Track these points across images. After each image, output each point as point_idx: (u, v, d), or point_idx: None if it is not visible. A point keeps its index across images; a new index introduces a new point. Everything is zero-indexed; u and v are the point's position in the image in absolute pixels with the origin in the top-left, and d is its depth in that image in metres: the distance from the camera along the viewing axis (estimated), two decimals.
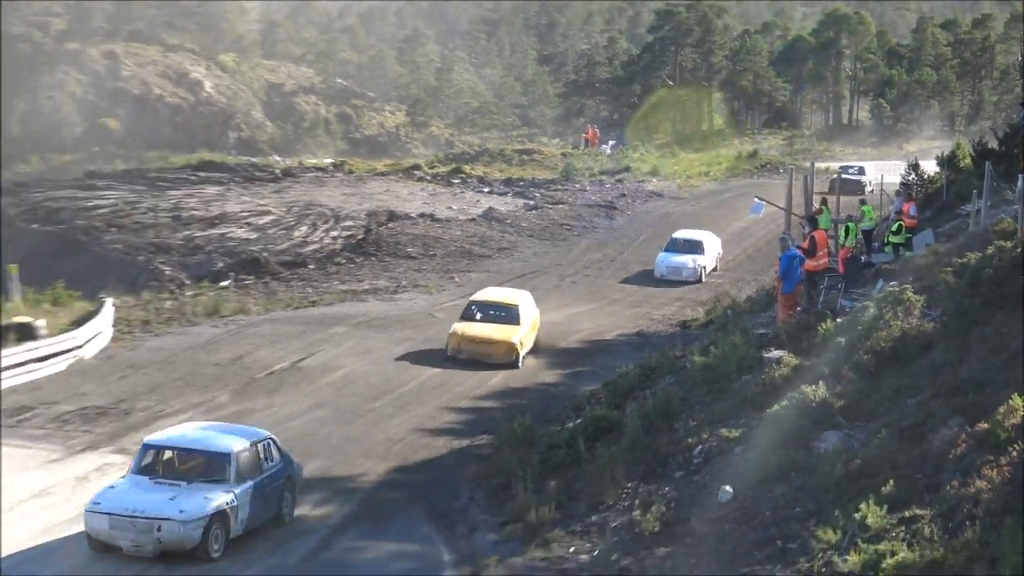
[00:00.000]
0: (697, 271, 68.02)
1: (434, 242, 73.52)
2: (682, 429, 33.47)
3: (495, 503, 34.21)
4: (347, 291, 65.03)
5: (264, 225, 76.31)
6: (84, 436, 41.02)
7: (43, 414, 43.33)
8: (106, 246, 74.06)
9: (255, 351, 51.32)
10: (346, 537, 33.05)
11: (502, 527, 32.29)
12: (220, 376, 47.49)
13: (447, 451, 39.74)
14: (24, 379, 46.95)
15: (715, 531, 27.44)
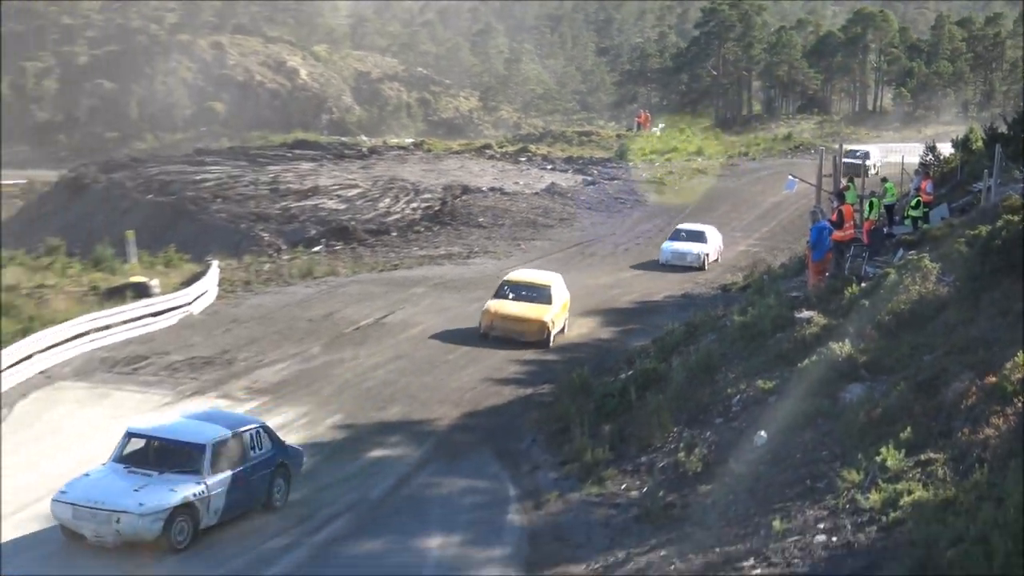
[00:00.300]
0: (700, 258, 64.98)
1: (502, 213, 73.52)
2: (722, 380, 33.55)
3: (555, 445, 34.34)
4: (425, 256, 65.12)
5: (352, 197, 76.36)
6: (192, 383, 41.27)
7: (156, 363, 43.62)
8: (212, 215, 74.30)
9: (343, 309, 51.52)
10: (423, 474, 33.20)
11: (561, 466, 32.46)
12: (312, 330, 47.71)
13: (513, 399, 39.88)
14: (140, 332, 47.28)
15: (751, 471, 27.50)
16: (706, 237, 66.83)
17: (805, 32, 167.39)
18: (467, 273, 58.91)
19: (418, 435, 36.41)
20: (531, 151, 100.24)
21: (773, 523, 23.70)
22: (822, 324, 33.32)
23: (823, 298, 36.53)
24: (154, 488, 26.64)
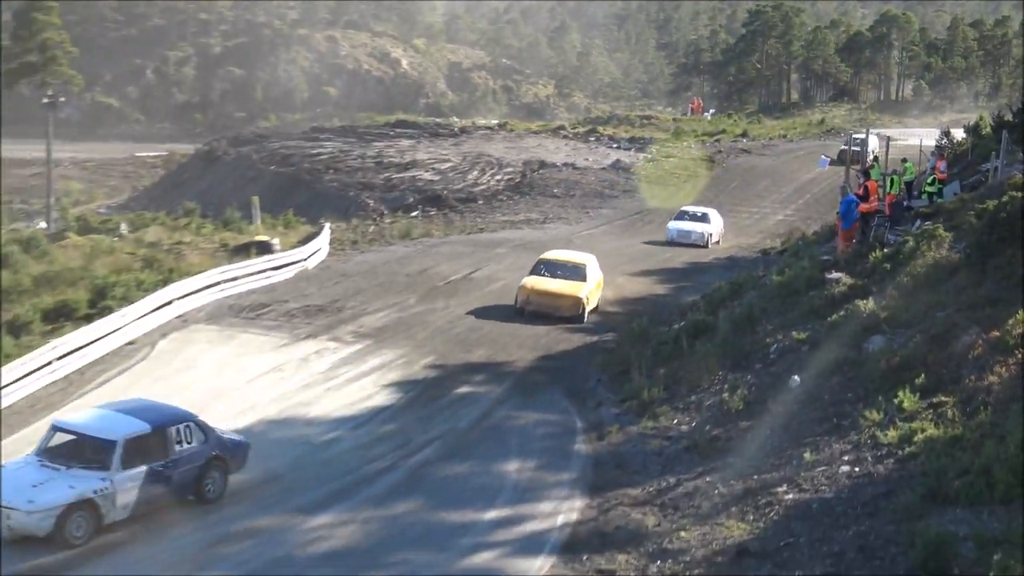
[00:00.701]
0: (704, 237, 61.20)
1: (574, 185, 73.42)
2: (762, 331, 33.53)
3: (616, 385, 34.44)
4: (506, 221, 65.09)
5: (445, 170, 76.41)
6: (306, 327, 41.48)
7: (276, 310, 43.85)
8: (325, 184, 74.47)
9: (436, 265, 51.58)
10: (503, 408, 33.35)
11: (621, 403, 32.55)
12: (410, 284, 47.80)
13: (580, 345, 39.92)
14: (262, 283, 47.53)
15: (785, 410, 27.52)
16: (709, 218, 63.82)
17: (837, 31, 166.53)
18: (543, 236, 58.80)
19: (499, 375, 36.56)
20: (599, 132, 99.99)
21: (804, 455, 23.76)
22: (849, 284, 33.31)
23: (850, 262, 36.43)
24: (54, 484, 24.52)
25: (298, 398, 34.43)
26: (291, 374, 36.50)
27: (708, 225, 62.66)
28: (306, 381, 35.89)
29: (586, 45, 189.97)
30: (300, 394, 34.74)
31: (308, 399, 34.36)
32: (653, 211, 66.23)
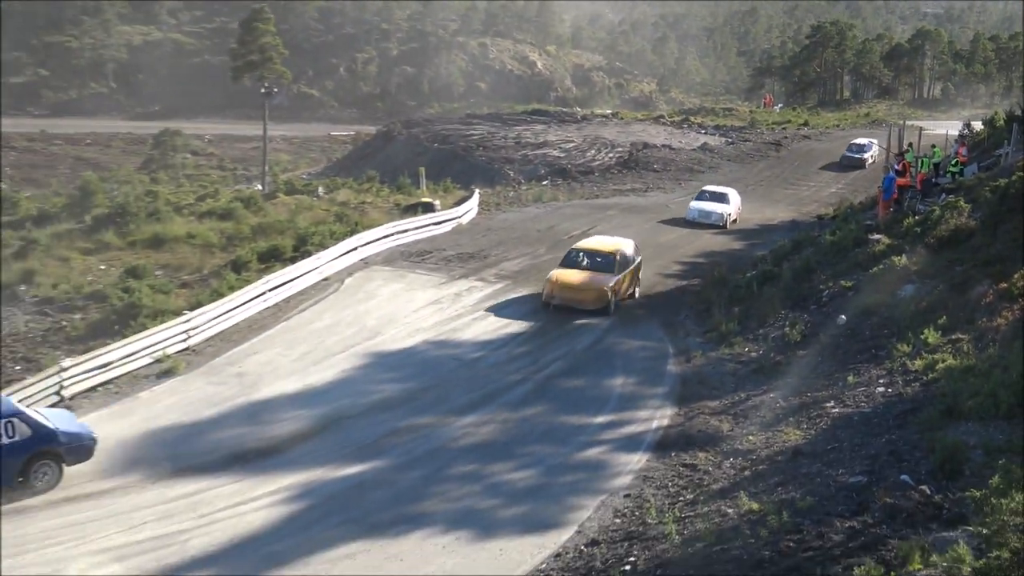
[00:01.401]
0: (724, 217, 53.60)
1: (670, 162, 72.87)
2: (816, 280, 33.41)
3: (700, 320, 34.38)
4: (616, 189, 64.74)
5: (569, 149, 76.12)
6: (459, 269, 41.57)
7: (436, 256, 43.96)
8: (476, 158, 74.54)
9: (561, 223, 51.44)
10: (611, 336, 33.38)
11: (704, 334, 32.55)
12: (540, 238, 47.72)
13: (673, 287, 39.73)
14: (426, 235, 47.64)
15: (833, 342, 27.43)
16: (728, 199, 55.61)
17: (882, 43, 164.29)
18: (644, 202, 58.48)
19: (607, 315, 36.45)
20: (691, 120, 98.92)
21: (847, 378, 23.65)
22: (887, 243, 33.13)
23: (888, 226, 36.23)
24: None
25: (452, 325, 34.70)
26: (447, 306, 36.72)
27: (727, 206, 54.84)
28: (458, 311, 36.13)
29: (682, 51, 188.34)
30: (453, 322, 35.01)
31: (459, 326, 34.62)
32: (733, 182, 65.52)
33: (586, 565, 17.52)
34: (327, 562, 18.81)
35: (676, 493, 20.12)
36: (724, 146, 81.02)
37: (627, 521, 19.29)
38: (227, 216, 53.50)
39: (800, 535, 15.12)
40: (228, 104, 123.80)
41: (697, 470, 21.15)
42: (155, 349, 31.24)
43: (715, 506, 18.38)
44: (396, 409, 27.14)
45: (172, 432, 25.59)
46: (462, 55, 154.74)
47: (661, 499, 19.90)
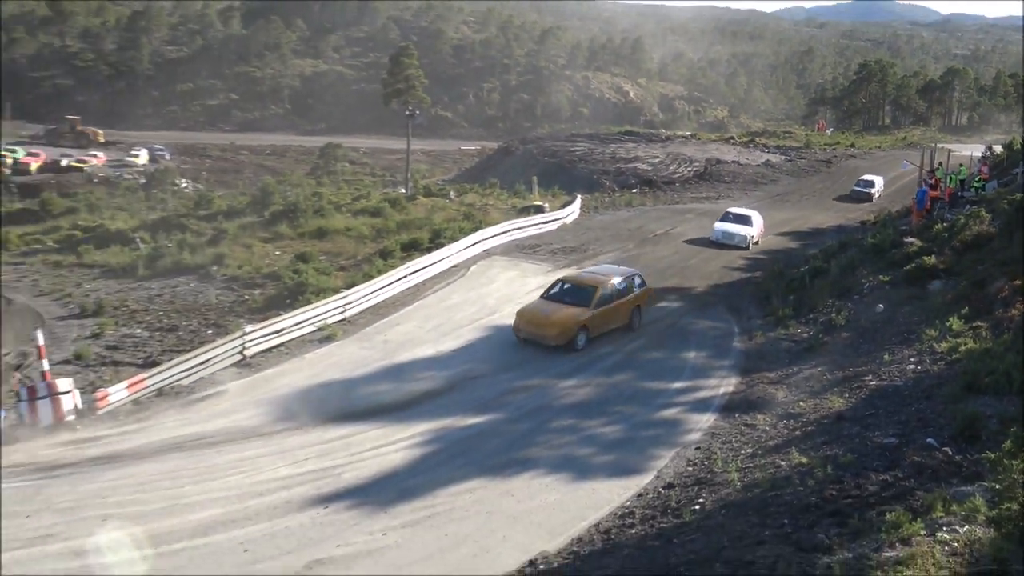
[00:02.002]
0: (747, 239, 46.85)
1: (738, 175, 72.13)
2: (859, 274, 32.82)
3: (761, 306, 34.00)
4: (693, 197, 64.20)
5: (655, 163, 75.75)
6: (563, 260, 41.53)
7: (544, 249, 43.98)
8: (578, 170, 74.47)
9: (647, 224, 51.19)
10: (686, 317, 33.22)
11: (764, 317, 32.17)
12: (630, 236, 47.51)
13: (738, 278, 39.32)
14: (536, 232, 47.66)
15: (872, 327, 26.98)
16: (751, 221, 48.61)
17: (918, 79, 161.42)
18: (716, 208, 57.75)
19: (684, 295, 36.25)
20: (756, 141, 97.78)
21: (884, 356, 23.31)
22: (919, 246, 32.40)
23: (920, 231, 35.52)
24: None
25: None
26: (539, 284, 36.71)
27: (750, 227, 48.03)
28: None
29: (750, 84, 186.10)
30: None
31: None
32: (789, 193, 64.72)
33: (663, 504, 17.55)
34: (451, 495, 19.02)
35: (738, 448, 20.04)
36: (783, 163, 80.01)
37: (697, 469, 19.27)
38: (376, 213, 54.16)
39: (841, 485, 15.09)
40: (379, 123, 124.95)
41: (756, 429, 21.03)
42: (318, 319, 31.85)
43: (770, 459, 18.30)
44: (510, 372, 27.37)
45: (330, 386, 26.08)
46: (569, 85, 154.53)
47: (725, 452, 19.84)
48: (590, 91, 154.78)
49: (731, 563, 13.13)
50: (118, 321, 36.29)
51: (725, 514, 15.70)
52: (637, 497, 18.37)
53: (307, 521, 18.20)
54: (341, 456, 21.34)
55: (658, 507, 17.45)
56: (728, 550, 13.72)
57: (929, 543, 11.34)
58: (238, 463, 21.25)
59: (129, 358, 30.85)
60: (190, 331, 34.18)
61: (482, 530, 17.56)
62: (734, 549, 13.71)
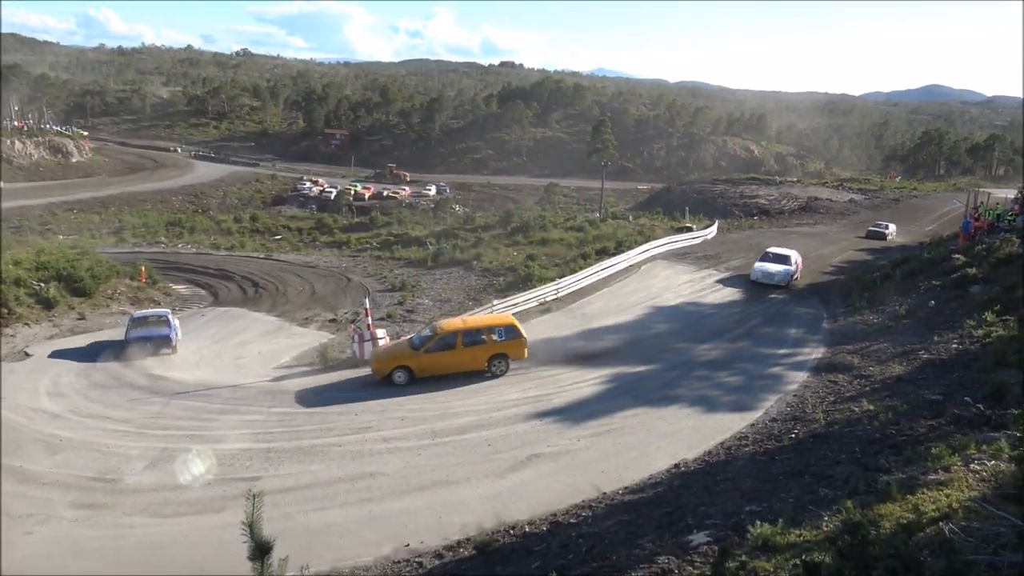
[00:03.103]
0: (787, 278, 35.22)
1: (830, 208, 68.12)
2: (917, 280, 30.58)
3: (844, 299, 32.00)
4: (796, 223, 60.89)
5: (770, 199, 72.35)
6: (705, 263, 40.29)
7: (691, 255, 42.84)
8: (717, 203, 72.08)
9: (764, 241, 48.88)
10: (790, 305, 31.70)
11: (845, 307, 30.30)
12: (751, 248, 45.57)
13: (827, 280, 37.14)
14: (686, 244, 46.60)
15: (926, 316, 25.21)
16: (790, 260, 36.87)
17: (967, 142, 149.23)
18: (813, 231, 54.87)
19: (788, 290, 34.63)
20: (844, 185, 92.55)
21: (934, 338, 21.75)
22: (963, 260, 29.94)
23: (965, 251, 32.74)
24: None
25: (699, 294, 33.83)
26: (696, 283, 35.78)
27: (789, 266, 36.00)
28: (703, 287, 35.12)
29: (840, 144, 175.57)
30: (699, 292, 34.10)
31: (703, 295, 33.69)
32: (866, 222, 60.90)
33: (768, 432, 17.00)
34: (623, 417, 18.96)
35: (823, 396, 19.12)
36: (863, 200, 75.14)
37: (794, 409, 18.53)
38: (579, 230, 54.07)
39: (899, 427, 14.33)
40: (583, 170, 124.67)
41: (837, 384, 20.00)
42: (539, 298, 32.17)
43: (847, 406, 17.42)
44: (665, 338, 26.97)
45: (546, 342, 26.30)
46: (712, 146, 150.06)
47: (814, 399, 18.97)
48: (727, 149, 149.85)
49: (816, 476, 12.67)
50: (414, 294, 37.67)
51: (812, 442, 15.10)
52: (750, 426, 17.87)
53: (528, 428, 18.50)
54: (551, 387, 21.60)
55: (765, 434, 16.94)
56: (814, 467, 13.22)
57: (964, 471, 10.80)
58: (487, 388, 21.87)
59: (420, 318, 31.98)
60: (458, 303, 35.14)
61: (643, 441, 17.45)
62: (818, 466, 13.20)
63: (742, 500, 12.07)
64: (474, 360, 23.00)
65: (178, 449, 17.76)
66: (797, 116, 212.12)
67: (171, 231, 66.94)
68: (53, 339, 28.19)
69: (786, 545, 9.02)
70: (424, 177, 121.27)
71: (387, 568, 12.31)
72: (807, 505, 11.01)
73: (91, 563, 12.85)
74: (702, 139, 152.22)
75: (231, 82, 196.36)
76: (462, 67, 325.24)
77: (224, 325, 32.30)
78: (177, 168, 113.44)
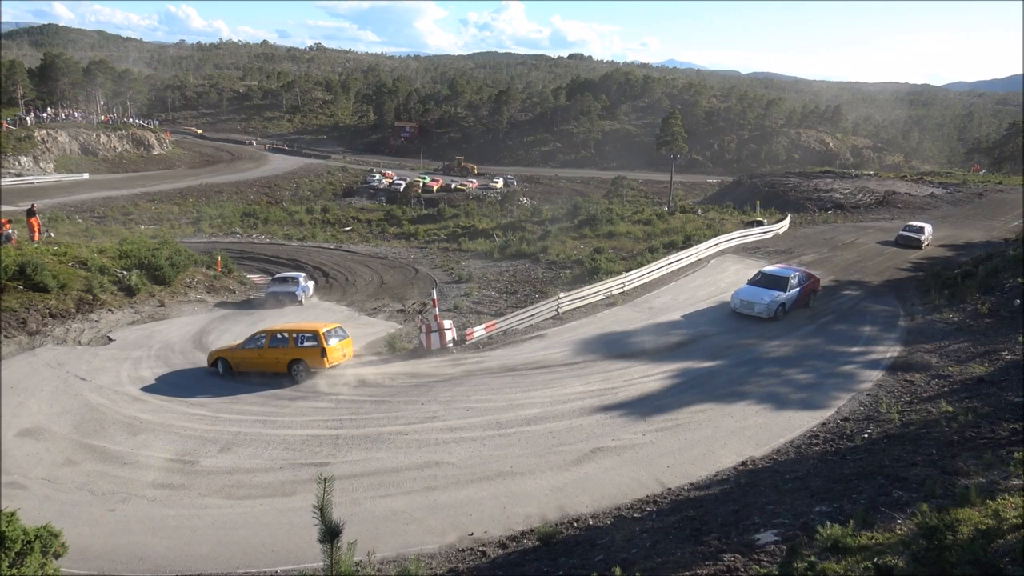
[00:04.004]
0: (771, 308, 27.66)
1: (909, 203, 65.76)
2: (1001, 277, 29.33)
3: (922, 296, 30.98)
4: (872, 218, 58.87)
5: (845, 193, 70.10)
6: (775, 258, 39.35)
7: (761, 250, 41.94)
8: (789, 196, 70.20)
9: (838, 236, 47.74)
10: (864, 302, 30.75)
11: (924, 304, 29.34)
12: (824, 243, 44.51)
13: (905, 276, 35.91)
14: (757, 239, 45.60)
15: (1010, 316, 24.41)
16: (788, 283, 28.88)
17: None
18: (888, 226, 53.02)
19: (862, 286, 33.64)
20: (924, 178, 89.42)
21: (1018, 337, 21.13)
22: None
23: None
24: None
25: None
26: None
27: (781, 293, 28.34)
28: None
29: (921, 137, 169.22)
30: None
31: None
32: (949, 216, 58.63)
33: (840, 431, 16.57)
34: (689, 413, 18.75)
35: (899, 396, 18.54)
36: (945, 194, 72.31)
37: (867, 409, 18.02)
38: (647, 223, 53.57)
39: (979, 429, 13.78)
40: (651, 163, 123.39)
41: (914, 384, 19.37)
42: (606, 291, 32.00)
43: (923, 407, 16.86)
44: (733, 334, 26.51)
45: (612, 335, 26.17)
46: (785, 139, 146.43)
47: (889, 398, 18.40)
48: (800, 142, 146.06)
49: (890, 477, 12.29)
50: (481, 286, 37.87)
51: (887, 442, 14.66)
52: (821, 425, 17.47)
53: (593, 421, 18.43)
54: (617, 381, 21.45)
55: (836, 433, 16.53)
56: (888, 468, 12.83)
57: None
58: (551, 381, 21.78)
59: (486, 310, 32.14)
60: (524, 295, 35.19)
61: (709, 438, 17.21)
62: (892, 467, 12.81)
63: (811, 500, 11.81)
64: (277, 362, 22.98)
65: (250, 434, 18.27)
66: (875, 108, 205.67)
67: (246, 222, 68.77)
68: (135, 324, 29.28)
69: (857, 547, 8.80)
70: (492, 170, 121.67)
71: (451, 556, 12.44)
72: (880, 507, 10.71)
73: (169, 540, 13.36)
74: (775, 131, 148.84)
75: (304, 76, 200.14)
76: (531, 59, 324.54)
77: (297, 314, 33.04)
78: (252, 160, 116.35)
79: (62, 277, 29.40)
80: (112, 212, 67.87)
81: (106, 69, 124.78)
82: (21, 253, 30.43)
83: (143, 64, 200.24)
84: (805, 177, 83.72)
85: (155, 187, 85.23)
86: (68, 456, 17.06)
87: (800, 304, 29.44)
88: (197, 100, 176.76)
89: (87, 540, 12.95)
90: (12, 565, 7.50)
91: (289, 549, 12.75)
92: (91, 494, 15.21)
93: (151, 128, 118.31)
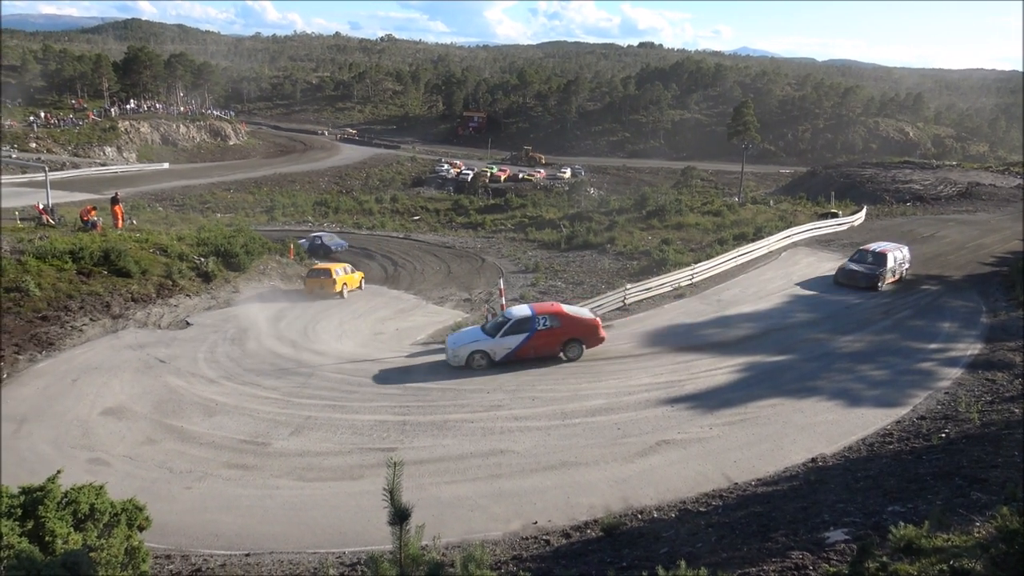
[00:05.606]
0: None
1: (993, 195, 62.84)
2: None
3: (1006, 292, 29.69)
4: (954, 210, 56.46)
5: (926, 184, 67.62)
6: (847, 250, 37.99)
7: (837, 243, 40.81)
8: (866, 188, 68.05)
9: (916, 228, 45.95)
10: (943, 297, 29.66)
11: (1008, 300, 28.17)
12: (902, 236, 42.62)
13: (987, 271, 34.43)
14: (831, 231, 44.48)
15: None
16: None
17: None
18: (972, 219, 50.98)
19: (942, 280, 32.49)
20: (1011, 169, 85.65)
21: None
22: None
23: None
24: None
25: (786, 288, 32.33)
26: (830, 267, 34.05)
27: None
28: None
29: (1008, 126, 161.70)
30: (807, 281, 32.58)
31: None
32: None
33: (916, 430, 16.08)
34: (758, 407, 18.45)
35: (979, 395, 17.89)
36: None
37: (945, 408, 17.44)
38: (717, 214, 52.73)
39: None
40: (722, 153, 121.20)
41: (995, 383, 18.66)
42: (674, 283, 31.71)
43: (1006, 407, 16.23)
44: (804, 328, 25.98)
45: (680, 327, 25.93)
46: (862, 128, 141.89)
47: (969, 397, 17.77)
48: (879, 132, 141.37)
49: (968, 478, 11.88)
50: (547, 276, 37.89)
51: (965, 443, 14.17)
52: (895, 423, 16.97)
53: (659, 414, 18.30)
54: (684, 374, 21.24)
55: (912, 432, 16.04)
56: (966, 469, 12.40)
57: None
58: (617, 372, 21.71)
59: (553, 300, 32.16)
60: (590, 285, 35.09)
61: (778, 433, 16.91)
62: (971, 468, 12.37)
63: (884, 499, 11.51)
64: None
65: (321, 418, 18.71)
66: (959, 95, 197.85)
67: (318, 211, 70.18)
68: (211, 309, 30.23)
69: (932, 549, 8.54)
70: (559, 159, 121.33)
71: (515, 544, 12.53)
72: (957, 509, 10.37)
73: (242, 519, 13.81)
74: (851, 120, 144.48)
75: (375, 67, 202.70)
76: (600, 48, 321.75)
77: (365, 301, 33.64)
78: (324, 150, 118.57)
79: (143, 263, 30.55)
80: (190, 200, 70.09)
81: (185, 62, 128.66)
82: (105, 240, 31.71)
83: (220, 57, 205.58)
84: (883, 168, 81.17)
85: (231, 176, 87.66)
86: (148, 435, 17.76)
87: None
88: (272, 91, 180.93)
89: (165, 516, 13.45)
90: (100, 536, 7.86)
91: (356, 531, 13.03)
92: (169, 472, 15.81)
93: (228, 119, 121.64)
